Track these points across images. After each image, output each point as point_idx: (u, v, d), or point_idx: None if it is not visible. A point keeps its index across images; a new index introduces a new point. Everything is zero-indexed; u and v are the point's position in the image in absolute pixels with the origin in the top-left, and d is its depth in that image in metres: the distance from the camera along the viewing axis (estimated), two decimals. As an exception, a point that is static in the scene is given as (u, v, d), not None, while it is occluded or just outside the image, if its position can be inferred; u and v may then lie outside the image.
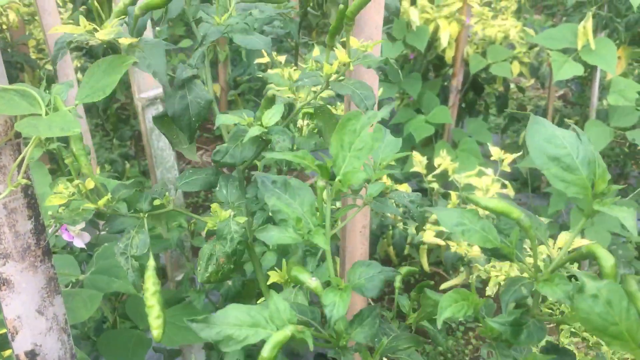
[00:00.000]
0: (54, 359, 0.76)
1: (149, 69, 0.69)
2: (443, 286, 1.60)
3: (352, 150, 0.71)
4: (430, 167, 2.79)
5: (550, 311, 1.10)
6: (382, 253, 1.69)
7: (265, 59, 1.47)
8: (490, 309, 0.74)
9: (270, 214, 0.91)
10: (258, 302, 1.11)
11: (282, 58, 1.40)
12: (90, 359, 1.28)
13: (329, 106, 0.91)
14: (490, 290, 1.29)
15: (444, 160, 1.80)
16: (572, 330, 1.02)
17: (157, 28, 1.62)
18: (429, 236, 1.47)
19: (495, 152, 1.83)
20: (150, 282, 0.73)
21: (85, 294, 1.07)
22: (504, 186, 1.83)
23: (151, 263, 0.73)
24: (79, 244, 0.80)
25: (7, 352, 0.87)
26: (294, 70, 1.22)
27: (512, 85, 3.50)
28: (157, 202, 0.81)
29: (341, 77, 0.81)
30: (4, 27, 2.46)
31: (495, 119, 3.77)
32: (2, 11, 2.37)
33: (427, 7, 2.71)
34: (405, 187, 1.55)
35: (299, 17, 1.62)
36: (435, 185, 1.77)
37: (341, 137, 0.71)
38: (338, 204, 1.20)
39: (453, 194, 1.68)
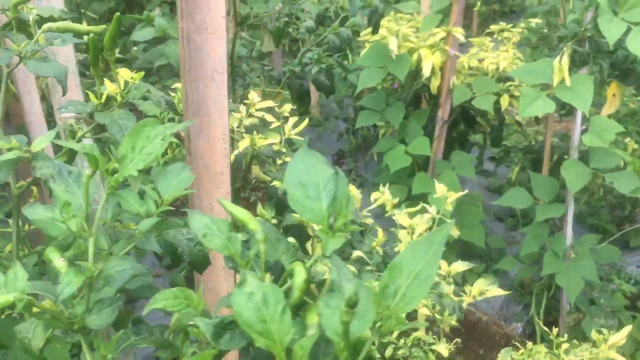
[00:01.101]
0: None
1: None
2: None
3: (142, 154, 0.74)
4: (410, 197, 2.71)
5: None
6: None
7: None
8: None
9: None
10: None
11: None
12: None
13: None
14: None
15: (382, 195, 1.74)
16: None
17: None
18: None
19: (440, 189, 1.76)
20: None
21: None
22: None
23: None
24: None
25: None
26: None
27: (512, 118, 3.37)
28: None
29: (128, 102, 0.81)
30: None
31: (498, 151, 3.63)
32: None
33: (410, 35, 2.65)
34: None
35: (230, 44, 1.62)
36: (369, 221, 1.72)
37: (134, 140, 0.74)
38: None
39: (380, 231, 1.62)
